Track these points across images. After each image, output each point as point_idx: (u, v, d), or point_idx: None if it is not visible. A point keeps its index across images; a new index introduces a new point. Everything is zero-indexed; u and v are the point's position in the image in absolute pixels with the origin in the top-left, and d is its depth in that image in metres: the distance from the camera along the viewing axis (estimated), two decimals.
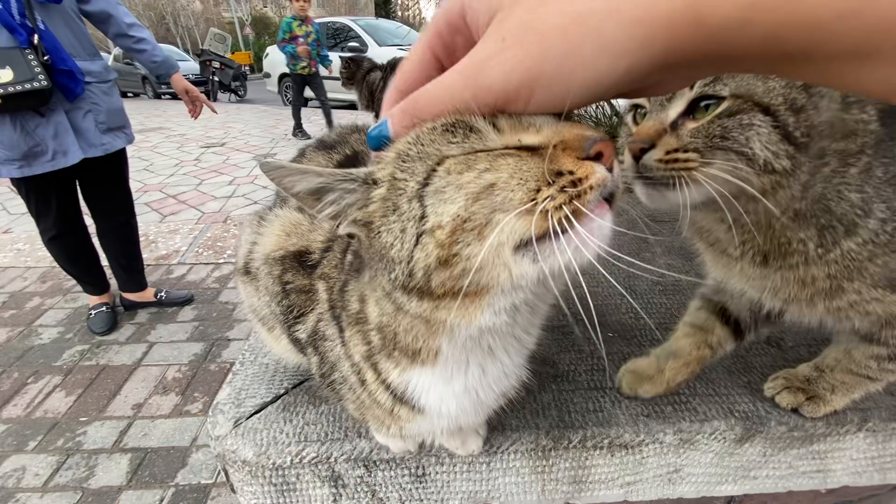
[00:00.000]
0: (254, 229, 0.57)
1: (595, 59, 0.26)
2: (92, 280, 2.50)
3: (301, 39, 5.68)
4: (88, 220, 2.40)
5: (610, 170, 0.30)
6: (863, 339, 0.54)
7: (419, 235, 0.32)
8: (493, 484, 0.63)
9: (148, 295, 2.66)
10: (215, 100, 12.16)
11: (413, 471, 0.62)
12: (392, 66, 2.73)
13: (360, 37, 8.93)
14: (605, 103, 1.94)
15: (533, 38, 0.27)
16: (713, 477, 0.66)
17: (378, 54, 8.10)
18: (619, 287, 0.82)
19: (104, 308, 2.54)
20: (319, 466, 0.60)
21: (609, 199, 0.31)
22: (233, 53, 15.78)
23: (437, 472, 0.62)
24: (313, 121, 8.06)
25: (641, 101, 0.46)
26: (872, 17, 0.22)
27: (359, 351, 0.45)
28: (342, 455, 0.60)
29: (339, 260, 0.47)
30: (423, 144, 0.32)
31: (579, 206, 0.29)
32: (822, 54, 0.24)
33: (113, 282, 2.64)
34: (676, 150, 0.40)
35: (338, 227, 0.36)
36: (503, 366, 0.44)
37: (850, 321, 0.52)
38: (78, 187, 2.28)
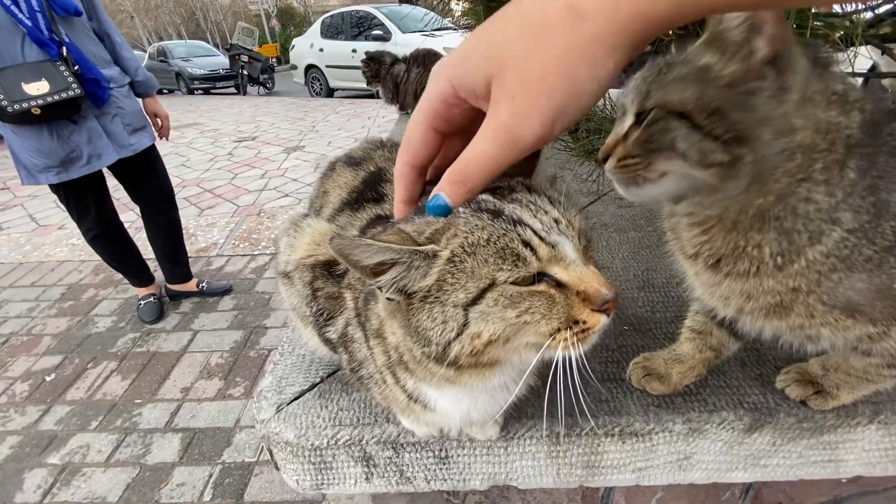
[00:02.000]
0: (290, 236, 0.63)
1: (590, 75, 0.34)
2: (135, 273, 2.69)
3: None
4: (130, 217, 2.57)
5: (608, 315, 0.41)
6: (852, 350, 0.55)
7: (459, 334, 0.40)
8: (510, 466, 0.68)
9: (191, 285, 2.84)
10: (245, 93, 12.46)
11: (437, 453, 0.67)
12: (415, 58, 2.75)
13: (383, 24, 8.91)
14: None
15: (537, 85, 0.34)
16: (723, 464, 0.68)
17: (403, 41, 8.08)
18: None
19: (152, 298, 2.73)
20: (352, 448, 0.66)
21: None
22: (260, 46, 16.03)
23: (458, 455, 0.68)
24: (340, 111, 8.16)
25: None
26: None
27: (380, 359, 0.51)
28: (372, 438, 0.66)
29: None
30: (476, 258, 0.39)
31: (582, 341, 0.41)
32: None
33: (157, 273, 2.82)
34: (625, 157, 0.47)
35: (379, 289, 0.41)
36: (510, 391, 0.51)
37: (812, 343, 0.53)
38: (118, 189, 2.44)
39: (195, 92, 13.78)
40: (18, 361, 2.43)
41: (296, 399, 0.72)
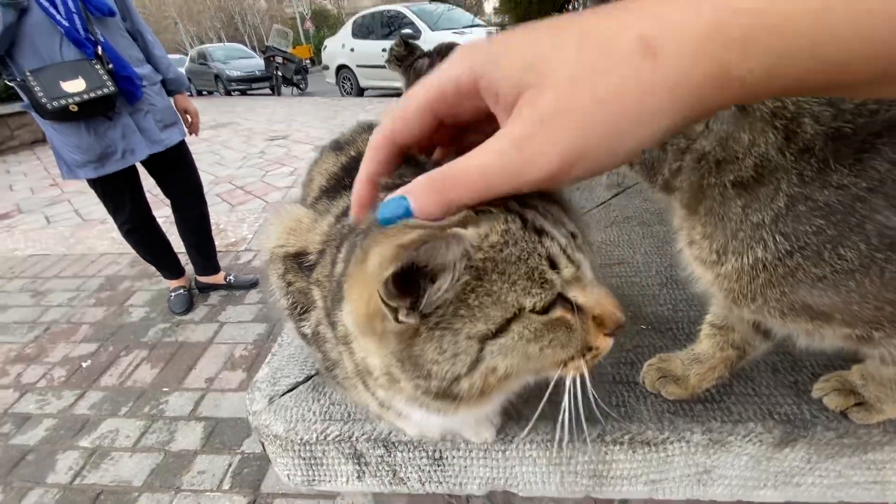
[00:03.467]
0: (271, 223, 0.60)
1: (634, 129, 0.28)
2: (167, 266, 2.78)
3: None
4: (165, 212, 2.64)
5: (614, 338, 0.39)
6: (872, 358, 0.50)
7: (472, 369, 0.34)
8: (510, 472, 0.64)
9: (219, 278, 2.91)
10: (279, 94, 12.77)
11: (430, 454, 0.63)
12: (439, 51, 2.71)
13: (413, 23, 8.94)
14: None
15: (573, 116, 0.27)
16: (749, 481, 0.61)
17: (432, 39, 8.08)
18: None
19: (182, 290, 2.81)
20: (342, 444, 0.63)
21: None
22: (294, 47, 16.39)
23: (453, 457, 0.63)
24: (369, 110, 8.24)
25: None
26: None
27: (349, 366, 0.46)
28: (363, 435, 0.63)
29: (330, 269, 0.44)
30: (505, 279, 0.32)
31: (590, 366, 0.38)
32: (849, 86, 0.26)
33: (188, 267, 2.91)
34: None
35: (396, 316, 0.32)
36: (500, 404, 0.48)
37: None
38: (154, 187, 2.52)
39: (232, 93, 14.22)
40: (58, 348, 2.56)
41: (289, 391, 0.70)
